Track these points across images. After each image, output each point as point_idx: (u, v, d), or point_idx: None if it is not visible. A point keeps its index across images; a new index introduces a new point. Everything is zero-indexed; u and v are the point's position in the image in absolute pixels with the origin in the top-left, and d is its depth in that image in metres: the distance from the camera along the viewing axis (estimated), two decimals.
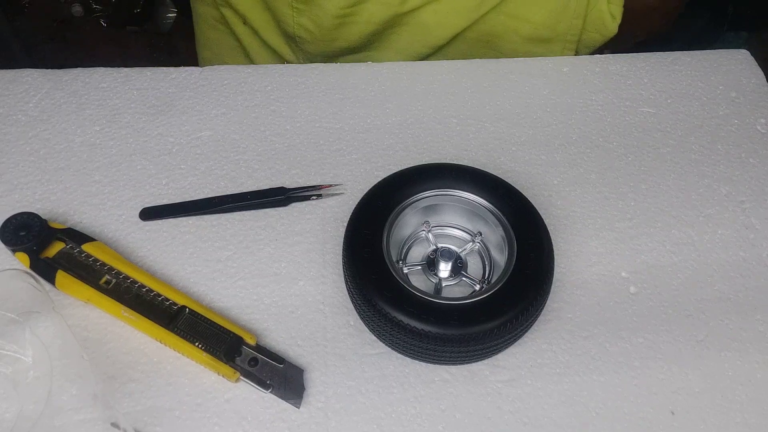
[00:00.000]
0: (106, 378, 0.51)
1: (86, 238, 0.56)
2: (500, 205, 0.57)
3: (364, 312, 0.52)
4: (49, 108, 0.69)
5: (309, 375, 0.52)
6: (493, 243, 0.58)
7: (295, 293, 0.57)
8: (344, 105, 0.71)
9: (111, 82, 0.72)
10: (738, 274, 0.60)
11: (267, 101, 0.71)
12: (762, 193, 0.66)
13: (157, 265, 0.58)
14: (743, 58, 0.78)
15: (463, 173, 0.59)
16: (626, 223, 0.63)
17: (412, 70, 0.75)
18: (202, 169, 0.65)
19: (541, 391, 0.52)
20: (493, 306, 0.50)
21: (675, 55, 0.79)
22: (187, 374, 0.52)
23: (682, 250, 0.61)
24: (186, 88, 0.71)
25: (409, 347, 0.51)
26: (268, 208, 0.62)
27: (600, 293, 0.58)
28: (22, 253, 0.55)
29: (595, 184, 0.66)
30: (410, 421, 0.50)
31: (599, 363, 0.54)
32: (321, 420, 0.50)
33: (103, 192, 0.63)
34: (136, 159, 0.65)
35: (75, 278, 0.53)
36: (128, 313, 0.52)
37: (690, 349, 0.55)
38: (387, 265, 0.52)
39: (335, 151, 0.67)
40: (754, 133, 0.71)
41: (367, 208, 0.56)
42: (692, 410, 0.52)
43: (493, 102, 0.73)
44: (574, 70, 0.76)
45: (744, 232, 0.63)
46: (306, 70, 0.74)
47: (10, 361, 0.50)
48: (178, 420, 0.50)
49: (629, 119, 0.72)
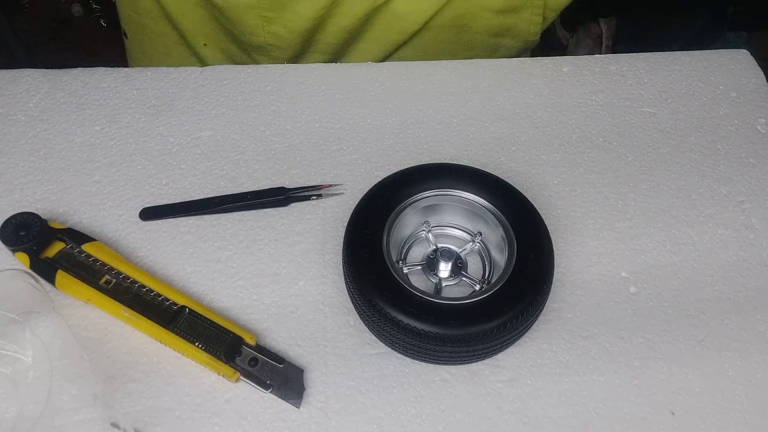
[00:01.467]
0: (106, 378, 0.51)
1: (86, 238, 0.56)
2: (500, 205, 0.57)
3: (364, 312, 0.52)
4: (49, 108, 0.69)
5: (309, 375, 0.52)
6: (493, 243, 0.58)
7: (295, 293, 0.57)
8: (344, 105, 0.71)
9: (111, 82, 0.72)
10: (738, 274, 0.60)
11: (267, 101, 0.71)
12: (762, 193, 0.66)
13: (157, 265, 0.58)
14: (743, 58, 0.78)
15: (463, 173, 0.59)
16: (626, 223, 0.63)
17: (412, 70, 0.75)
18: (202, 169, 0.65)
19: (541, 391, 0.52)
20: (493, 306, 0.50)
21: (675, 55, 0.79)
22: (187, 374, 0.52)
23: (682, 250, 0.61)
24: (186, 88, 0.71)
25: (409, 347, 0.51)
26: (268, 208, 0.62)
27: (600, 293, 0.58)
28: (22, 253, 0.55)
29: (595, 184, 0.66)
30: (410, 421, 0.50)
31: (599, 363, 0.54)
32: (321, 420, 0.50)
33: (103, 192, 0.63)
34: (136, 159, 0.65)
35: (75, 278, 0.53)
36: (128, 313, 0.52)
37: (690, 349, 0.55)
38: (387, 265, 0.52)
39: (335, 151, 0.67)
40: (754, 133, 0.71)
41: (367, 208, 0.56)
42: (692, 410, 0.52)
43: (493, 102, 0.73)
44: (574, 70, 0.76)
45: (744, 232, 0.63)
46: (306, 70, 0.74)
47: (10, 361, 0.50)
48: (178, 420, 0.50)
49: (629, 119, 0.72)
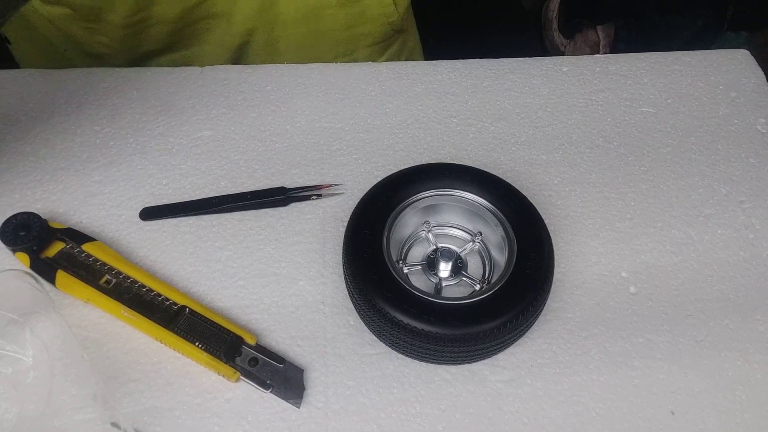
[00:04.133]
0: (106, 378, 0.51)
1: (86, 238, 0.57)
2: (500, 205, 0.57)
3: (364, 312, 0.52)
4: (49, 108, 0.69)
5: (309, 375, 0.52)
6: (493, 243, 0.58)
7: (295, 293, 0.57)
8: (344, 105, 0.71)
9: (111, 82, 0.72)
10: (738, 274, 0.60)
11: (267, 101, 0.71)
12: (762, 193, 0.66)
13: (157, 265, 0.58)
14: (743, 58, 0.78)
15: (463, 173, 0.59)
16: (626, 223, 0.63)
17: (412, 70, 0.75)
18: (202, 169, 0.65)
19: (541, 391, 0.52)
20: (493, 306, 0.50)
21: (675, 55, 0.79)
22: (187, 374, 0.52)
23: (682, 250, 0.61)
24: (186, 88, 0.71)
25: (409, 347, 0.51)
26: (268, 208, 0.62)
27: (600, 293, 0.58)
28: (22, 253, 0.55)
29: (595, 184, 0.66)
30: (410, 421, 0.50)
31: (599, 363, 0.54)
32: (321, 420, 0.50)
33: (103, 192, 0.63)
34: (136, 159, 0.65)
35: (75, 278, 0.54)
36: (128, 313, 0.52)
37: (690, 349, 0.55)
38: (387, 265, 0.52)
39: (335, 151, 0.67)
40: (754, 133, 0.71)
41: (367, 208, 0.56)
42: (692, 410, 0.52)
43: (493, 102, 0.73)
44: (574, 70, 0.76)
45: (744, 232, 0.63)
46: (306, 70, 0.74)
47: (10, 361, 0.50)
48: (178, 420, 0.50)
49: (629, 119, 0.72)
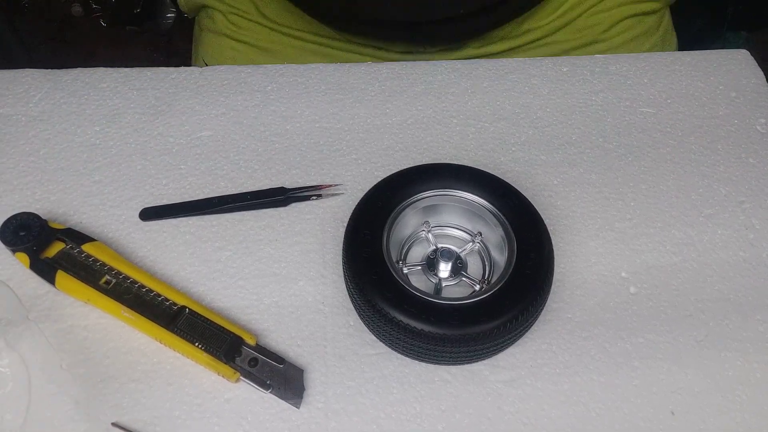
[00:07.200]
0: (106, 378, 0.51)
1: (86, 238, 0.56)
2: (500, 205, 0.57)
3: (364, 312, 0.52)
4: (49, 108, 0.69)
5: (309, 375, 0.52)
6: (493, 243, 0.58)
7: (295, 293, 0.57)
8: (344, 105, 0.71)
9: (111, 82, 0.72)
10: (738, 274, 0.60)
11: (267, 101, 0.71)
12: (762, 193, 0.66)
13: (157, 265, 0.58)
14: (743, 58, 0.78)
15: (463, 173, 0.59)
16: (626, 223, 0.63)
17: (412, 70, 0.75)
18: (202, 169, 0.65)
19: (541, 391, 0.52)
20: (493, 306, 0.50)
21: (675, 55, 0.79)
22: (187, 374, 0.52)
23: (682, 250, 0.61)
24: (186, 88, 0.71)
25: (409, 347, 0.51)
26: (267, 208, 0.62)
27: (600, 293, 0.58)
28: (22, 253, 0.55)
29: (595, 184, 0.66)
30: (410, 421, 0.50)
31: (599, 363, 0.54)
32: (321, 420, 0.50)
33: (103, 192, 0.63)
34: (136, 159, 0.65)
35: (75, 278, 0.53)
36: (128, 313, 0.52)
37: (690, 349, 0.55)
38: (387, 265, 0.52)
39: (335, 151, 0.67)
40: (753, 133, 0.71)
41: (367, 208, 0.56)
42: (692, 410, 0.52)
43: (493, 102, 0.72)
44: (574, 70, 0.76)
45: (744, 232, 0.63)
46: (306, 70, 0.74)
47: None
48: (178, 420, 0.50)
49: (629, 119, 0.72)
